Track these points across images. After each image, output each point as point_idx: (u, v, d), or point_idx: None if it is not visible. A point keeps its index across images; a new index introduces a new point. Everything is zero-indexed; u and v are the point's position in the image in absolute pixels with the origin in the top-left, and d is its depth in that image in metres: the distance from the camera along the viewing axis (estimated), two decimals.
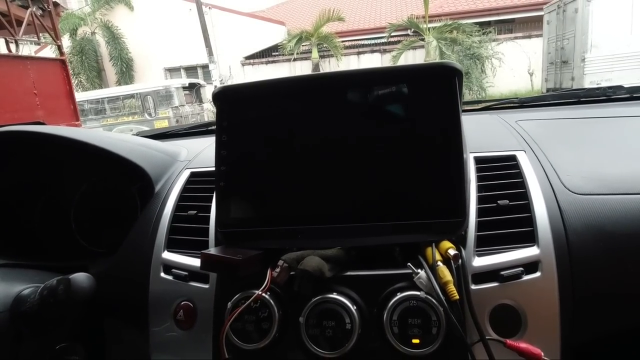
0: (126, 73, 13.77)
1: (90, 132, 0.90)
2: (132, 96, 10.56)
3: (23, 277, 0.68)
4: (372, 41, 12.57)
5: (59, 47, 4.84)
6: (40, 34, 4.82)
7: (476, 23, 10.83)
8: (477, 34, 10.26)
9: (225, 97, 0.67)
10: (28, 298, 0.62)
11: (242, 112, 0.66)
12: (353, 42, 12.63)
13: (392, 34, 11.29)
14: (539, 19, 9.90)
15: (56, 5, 5.23)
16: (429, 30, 10.41)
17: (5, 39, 4.11)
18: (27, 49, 4.82)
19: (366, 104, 0.63)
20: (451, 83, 0.60)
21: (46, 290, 0.57)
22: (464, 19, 11.10)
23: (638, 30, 7.34)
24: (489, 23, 11.62)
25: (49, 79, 4.25)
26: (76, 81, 12.65)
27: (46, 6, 4.83)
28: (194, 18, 10.93)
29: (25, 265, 0.78)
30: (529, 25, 11.42)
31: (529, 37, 11.05)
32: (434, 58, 9.77)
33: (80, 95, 9.53)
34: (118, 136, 0.95)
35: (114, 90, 11.39)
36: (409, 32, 11.52)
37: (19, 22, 4.39)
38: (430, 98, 0.61)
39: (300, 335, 0.56)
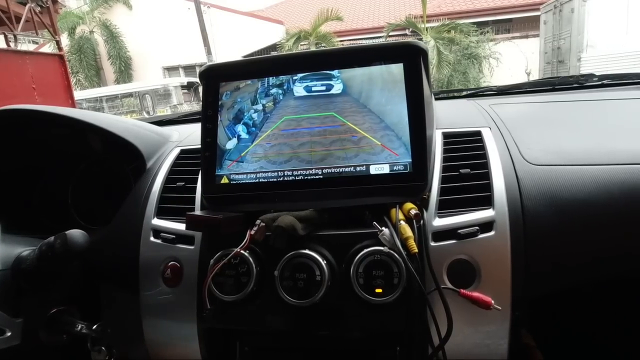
0: (125, 72, 13.82)
1: (85, 111, 0.95)
2: (130, 95, 10.62)
3: (23, 242, 0.73)
4: (370, 41, 12.64)
5: (58, 43, 4.89)
6: (39, 31, 4.87)
7: (474, 23, 10.87)
8: (475, 33, 10.31)
9: (211, 74, 0.73)
10: (28, 257, 0.67)
11: (226, 88, 0.72)
12: (351, 42, 12.70)
13: (390, 33, 11.32)
14: (536, 19, 9.97)
15: (54, 2, 5.28)
16: (426, 30, 10.46)
17: (4, 34, 4.16)
18: (25, 47, 4.87)
19: (338, 79, 0.69)
20: (416, 60, 0.66)
21: (45, 246, 0.63)
22: (462, 19, 11.15)
23: (633, 30, 7.41)
24: (486, 23, 11.67)
25: (48, 73, 4.30)
26: (74, 80, 12.68)
27: (44, 2, 4.88)
28: (192, 17, 10.98)
29: None
30: (526, 25, 11.48)
31: (526, 37, 11.12)
32: (432, 57, 9.84)
33: (78, 94, 9.57)
34: (112, 117, 1.01)
35: (112, 89, 11.44)
36: (407, 31, 11.57)
37: (18, 19, 4.45)
38: (396, 74, 0.66)
39: (276, 286, 0.62)
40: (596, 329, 0.86)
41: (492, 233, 0.62)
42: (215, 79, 0.73)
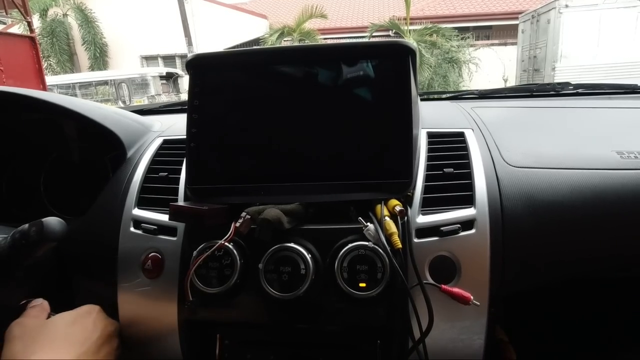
0: (100, 58, 13.33)
1: (62, 96, 0.91)
2: (105, 83, 10.26)
3: None
4: (354, 40, 12.68)
5: (29, 24, 4.65)
6: (8, 10, 4.62)
7: (455, 28, 11.11)
8: (456, 38, 10.53)
9: (198, 64, 0.71)
10: None
11: (213, 79, 0.71)
12: (335, 40, 12.71)
13: (374, 34, 11.42)
14: (515, 28, 10.30)
15: None
16: (409, 32, 10.61)
17: None
18: None
19: (326, 75, 0.69)
20: (404, 60, 0.67)
21: (18, 234, 0.60)
22: (444, 24, 11.37)
23: (604, 43, 7.78)
24: (467, 29, 11.95)
25: (17, 55, 4.08)
26: (46, 64, 12.13)
27: None
28: (173, 6, 10.69)
29: None
30: (505, 33, 11.84)
31: (505, 44, 11.46)
32: None
33: (50, 79, 9.15)
34: (91, 103, 0.97)
35: (86, 76, 11.01)
36: (390, 33, 11.70)
37: None
38: (385, 72, 0.67)
39: (259, 279, 0.61)
40: (567, 325, 0.91)
41: (472, 231, 0.64)
42: (202, 69, 0.71)
